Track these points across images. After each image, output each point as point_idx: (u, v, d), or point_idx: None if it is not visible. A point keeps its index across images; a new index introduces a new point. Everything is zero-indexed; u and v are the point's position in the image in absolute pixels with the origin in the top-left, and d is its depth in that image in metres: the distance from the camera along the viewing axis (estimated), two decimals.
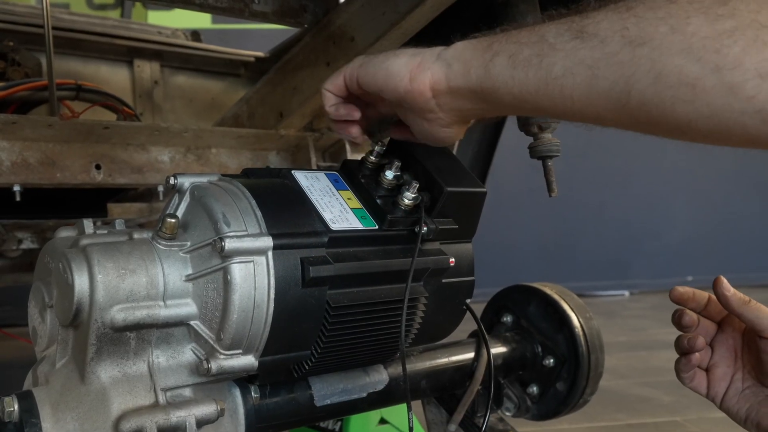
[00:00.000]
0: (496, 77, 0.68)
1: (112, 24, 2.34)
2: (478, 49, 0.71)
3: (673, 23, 0.54)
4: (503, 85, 0.67)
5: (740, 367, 0.94)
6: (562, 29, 0.63)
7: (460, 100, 0.74)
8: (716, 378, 0.95)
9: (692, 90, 0.53)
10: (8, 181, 1.26)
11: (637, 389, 2.74)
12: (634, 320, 4.24)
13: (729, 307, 0.90)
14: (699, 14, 0.53)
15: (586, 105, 0.61)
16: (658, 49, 0.55)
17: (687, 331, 0.95)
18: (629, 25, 0.57)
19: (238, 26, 4.44)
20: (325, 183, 0.90)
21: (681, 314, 0.95)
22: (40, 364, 0.80)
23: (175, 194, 0.83)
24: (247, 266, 0.74)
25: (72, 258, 0.72)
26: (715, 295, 0.92)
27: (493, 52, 0.68)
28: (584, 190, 5.03)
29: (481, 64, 0.69)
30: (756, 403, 0.91)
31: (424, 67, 0.74)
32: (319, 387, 0.94)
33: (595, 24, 0.60)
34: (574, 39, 0.61)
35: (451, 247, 0.95)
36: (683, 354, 0.95)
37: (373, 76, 0.79)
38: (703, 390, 0.96)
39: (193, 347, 0.79)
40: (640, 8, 0.58)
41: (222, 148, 1.55)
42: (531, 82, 0.65)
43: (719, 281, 0.91)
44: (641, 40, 0.56)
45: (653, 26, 0.55)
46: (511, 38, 0.67)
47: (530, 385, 1.28)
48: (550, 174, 1.08)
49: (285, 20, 1.53)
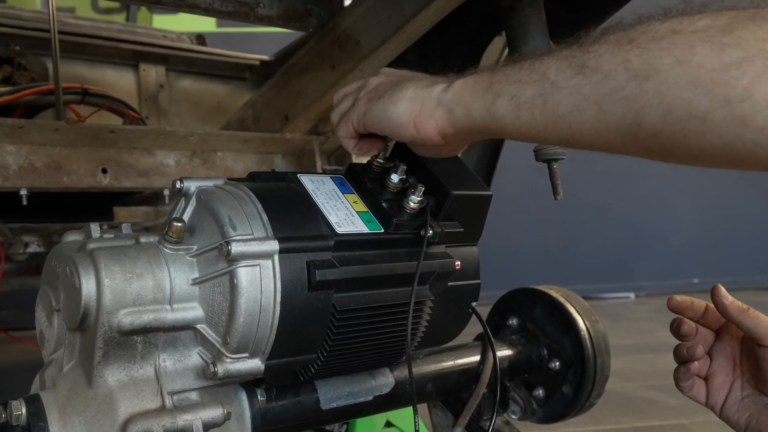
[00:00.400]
0: (502, 119, 0.67)
1: (118, 28, 2.34)
2: (477, 91, 0.70)
3: (678, 54, 0.53)
4: (510, 126, 0.67)
5: (739, 375, 0.94)
6: (562, 65, 0.61)
7: (467, 135, 0.75)
8: (715, 387, 0.94)
9: (702, 123, 0.52)
10: (15, 185, 1.27)
11: (643, 392, 2.73)
12: (640, 323, 4.23)
13: (727, 316, 0.90)
14: (704, 44, 0.52)
15: (596, 139, 0.61)
16: (665, 82, 0.53)
17: (685, 340, 0.95)
18: (632, 57, 0.56)
19: (242, 30, 4.45)
20: (330, 186, 0.90)
21: (679, 323, 0.95)
22: (48, 368, 0.81)
23: (181, 198, 0.83)
24: (253, 270, 0.75)
25: (79, 262, 0.72)
26: (714, 303, 0.91)
27: (494, 94, 0.67)
28: (588, 193, 5.02)
29: (484, 107, 0.68)
30: (756, 412, 0.91)
31: (426, 114, 0.74)
32: (325, 390, 0.94)
33: (596, 58, 0.59)
34: (577, 75, 0.60)
35: (457, 251, 0.95)
36: (682, 363, 0.94)
37: (378, 125, 0.79)
38: (703, 399, 0.95)
39: (199, 351, 0.79)
40: (642, 39, 0.56)
41: (228, 152, 1.56)
42: (538, 121, 0.64)
43: (717, 289, 0.90)
44: (647, 74, 0.55)
45: (657, 57, 0.54)
46: (510, 78, 0.66)
47: (536, 388, 1.28)
48: (556, 177, 1.08)
49: (290, 24, 1.53)
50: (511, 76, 0.66)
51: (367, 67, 1.44)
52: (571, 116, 0.61)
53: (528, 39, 1.13)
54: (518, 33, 1.15)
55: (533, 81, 0.64)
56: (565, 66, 0.61)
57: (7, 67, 1.69)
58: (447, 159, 0.96)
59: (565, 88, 0.61)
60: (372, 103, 0.79)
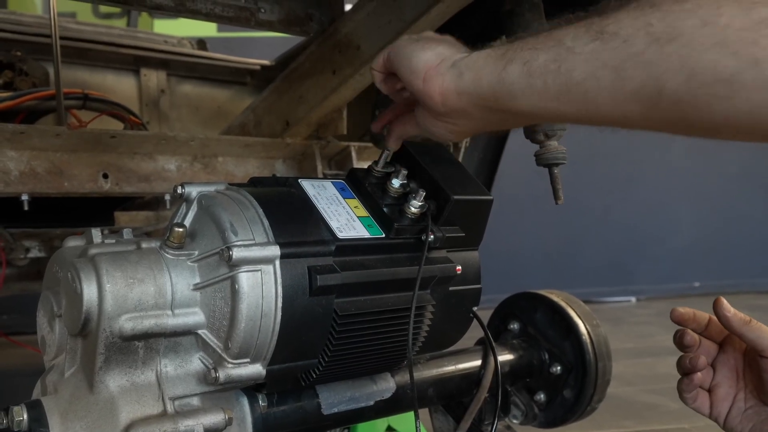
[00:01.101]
0: (512, 86, 0.65)
1: (119, 33, 2.35)
2: (491, 57, 0.68)
3: (703, 15, 0.50)
4: (520, 94, 0.64)
5: (742, 387, 0.94)
6: (580, 32, 0.59)
7: (469, 108, 0.72)
8: (719, 398, 0.94)
9: (729, 86, 0.49)
10: (16, 191, 1.27)
11: (644, 396, 2.73)
12: (641, 327, 4.22)
13: (730, 328, 0.90)
14: (731, 3, 0.49)
15: (613, 109, 0.58)
16: (689, 44, 0.51)
17: (688, 351, 0.95)
18: (654, 21, 0.53)
19: (243, 35, 4.46)
20: (331, 191, 0.90)
21: (682, 334, 0.95)
22: (49, 373, 0.81)
23: (182, 203, 0.83)
24: (254, 275, 0.75)
25: (81, 267, 0.72)
26: (716, 315, 0.91)
27: (507, 59, 0.65)
28: (589, 196, 5.02)
29: (494, 72, 0.67)
30: (759, 423, 0.91)
31: (439, 71, 0.73)
32: (327, 395, 0.94)
33: (615, 23, 0.56)
34: (594, 41, 0.57)
35: (458, 255, 0.95)
36: (685, 374, 0.95)
37: (399, 64, 0.79)
38: (706, 410, 0.95)
39: (201, 356, 0.79)
40: (665, 2, 0.53)
41: (229, 157, 1.56)
42: (550, 89, 0.61)
43: (719, 302, 0.90)
44: (669, 36, 0.52)
45: (681, 20, 0.51)
46: (526, 45, 0.64)
47: (537, 393, 1.28)
48: (557, 181, 1.08)
49: (291, 29, 1.53)
50: (526, 42, 0.64)
51: (367, 72, 1.44)
52: (587, 83, 0.58)
53: None
54: None
55: (548, 47, 0.61)
56: (583, 32, 0.58)
57: (8, 73, 1.69)
58: (448, 163, 0.96)
59: (581, 54, 0.58)
60: (409, 41, 0.80)
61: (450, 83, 0.72)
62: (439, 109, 0.74)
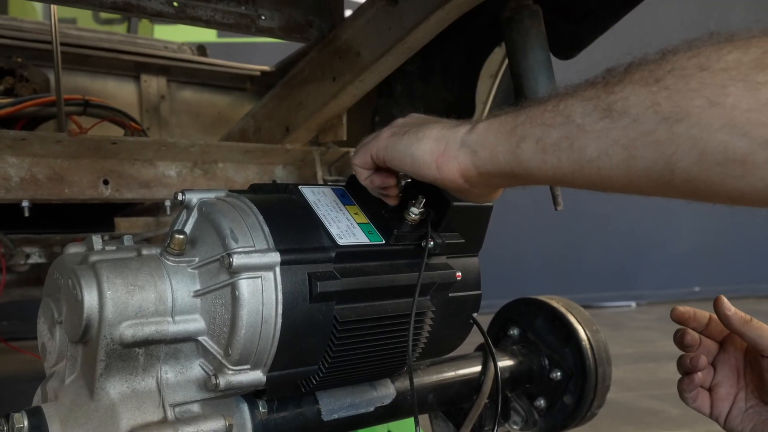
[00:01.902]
0: (527, 163, 0.65)
1: (119, 39, 2.36)
2: (502, 133, 0.67)
3: (710, 95, 0.50)
4: (536, 170, 0.65)
5: (743, 386, 0.94)
6: (588, 108, 0.59)
7: (491, 180, 0.72)
8: (719, 397, 0.94)
9: (742, 166, 0.49)
10: (17, 197, 1.27)
11: (644, 402, 2.73)
12: (641, 332, 4.22)
13: (730, 327, 0.90)
14: (737, 83, 0.49)
15: (627, 184, 0.58)
16: (698, 125, 0.50)
17: (689, 351, 0.95)
18: (660, 99, 0.53)
19: (243, 40, 4.47)
20: (331, 198, 0.91)
21: (682, 334, 0.95)
22: (50, 380, 0.81)
23: (182, 210, 0.84)
24: (255, 282, 0.75)
25: (81, 274, 0.73)
26: (716, 314, 0.91)
27: (519, 136, 0.65)
28: (589, 202, 5.02)
29: (508, 150, 0.66)
30: (760, 423, 0.91)
31: (450, 156, 0.72)
32: (327, 402, 0.94)
33: (623, 101, 0.56)
34: (603, 119, 0.57)
35: (458, 262, 0.95)
36: (686, 374, 0.95)
37: (400, 162, 0.77)
38: (707, 410, 0.95)
39: (201, 363, 0.80)
40: (670, 79, 0.53)
41: (229, 163, 1.56)
42: (564, 165, 0.62)
43: (720, 301, 0.90)
44: (677, 116, 0.52)
45: (687, 100, 0.51)
46: (535, 120, 0.64)
47: (537, 399, 1.28)
48: (556, 188, 1.08)
49: (291, 36, 1.54)
50: (535, 118, 0.64)
51: (367, 79, 1.45)
52: (600, 161, 0.58)
53: (527, 51, 1.14)
54: (518, 45, 1.16)
55: (558, 124, 0.61)
56: (591, 109, 0.58)
57: (9, 79, 1.70)
58: None
59: (591, 132, 0.58)
60: (395, 137, 0.78)
61: (468, 163, 0.71)
62: (463, 186, 0.74)
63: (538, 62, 1.14)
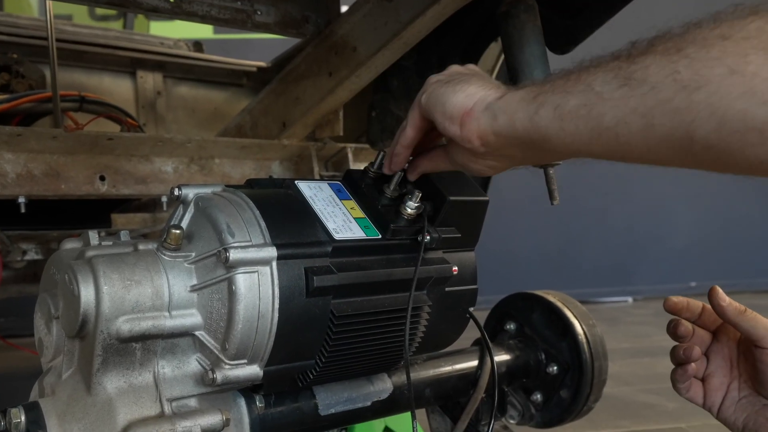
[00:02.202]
0: (545, 130, 0.65)
1: (115, 35, 2.35)
2: (524, 100, 0.68)
3: (731, 63, 0.50)
4: (554, 137, 0.65)
5: (736, 376, 0.94)
6: (608, 77, 0.59)
7: (508, 148, 0.73)
8: (712, 388, 0.95)
9: (761, 134, 0.49)
10: (13, 193, 1.27)
11: (641, 396, 2.74)
12: (638, 327, 4.23)
13: (725, 317, 0.90)
14: (758, 51, 0.49)
15: (646, 152, 0.59)
16: (717, 93, 0.51)
17: (682, 341, 0.95)
18: (681, 68, 0.53)
19: (239, 36, 4.46)
20: (328, 193, 0.91)
21: (676, 324, 0.95)
22: (47, 375, 0.81)
23: (179, 205, 0.84)
24: (251, 276, 0.75)
25: (78, 269, 0.73)
26: (711, 304, 0.91)
27: (538, 103, 0.66)
28: (587, 197, 5.03)
29: (527, 117, 0.67)
30: (753, 413, 0.91)
31: (474, 115, 0.73)
32: (324, 396, 0.95)
33: (643, 69, 0.56)
34: (622, 87, 0.57)
35: (454, 256, 0.95)
36: (679, 364, 0.95)
37: (434, 108, 0.78)
38: (700, 400, 0.95)
39: (198, 357, 0.80)
40: (691, 48, 0.53)
41: (225, 158, 1.56)
42: (582, 132, 0.62)
43: (715, 291, 0.90)
44: (696, 84, 0.52)
45: (708, 68, 0.51)
46: (556, 87, 0.65)
47: (534, 393, 1.28)
48: (552, 182, 1.08)
49: (287, 31, 1.54)
50: (558, 86, 0.65)
51: (363, 74, 1.45)
52: (618, 129, 0.58)
53: (524, 45, 1.14)
54: (514, 39, 1.16)
55: (578, 91, 0.62)
56: (611, 77, 0.59)
57: (4, 75, 1.69)
58: None
59: (609, 99, 0.59)
60: (439, 84, 0.79)
61: (486, 126, 0.72)
62: (480, 150, 0.75)
63: (534, 57, 1.14)
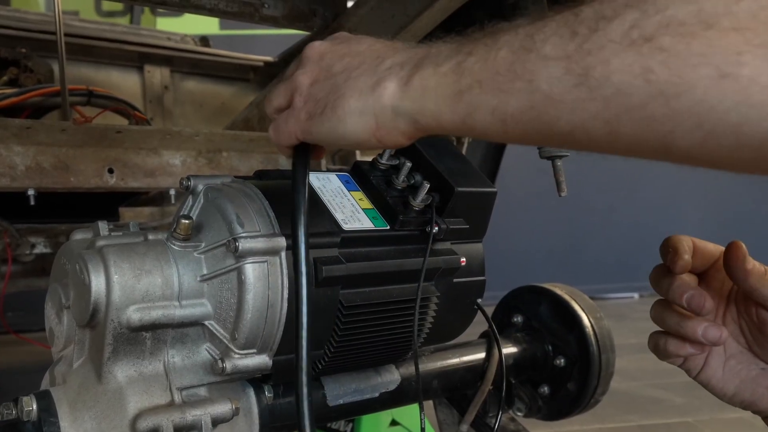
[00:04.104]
0: (484, 131, 0.54)
1: (122, 30, 2.36)
2: (444, 98, 0.55)
3: (720, 63, 0.40)
4: (497, 137, 0.54)
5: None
6: (556, 71, 0.47)
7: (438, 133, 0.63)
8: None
9: (757, 152, 0.41)
10: (23, 185, 1.28)
11: (648, 391, 2.73)
12: (644, 323, 4.19)
13: (744, 283, 0.73)
14: (754, 49, 0.39)
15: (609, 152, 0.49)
16: (704, 102, 0.41)
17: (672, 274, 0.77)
18: (654, 65, 0.42)
19: (245, 32, 4.47)
20: (336, 184, 0.91)
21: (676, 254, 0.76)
22: (57, 365, 0.81)
23: (188, 196, 0.84)
24: (261, 266, 0.75)
25: (88, 259, 0.73)
26: (727, 263, 0.75)
27: (468, 105, 0.53)
28: (593, 193, 5.02)
29: (457, 119, 0.55)
30: (749, 380, 0.76)
31: (387, 127, 0.60)
32: (332, 387, 0.95)
33: (602, 65, 0.44)
34: (578, 86, 0.46)
35: (462, 247, 0.95)
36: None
37: (333, 144, 0.67)
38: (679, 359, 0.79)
39: (207, 347, 0.80)
40: (665, 38, 0.42)
41: (233, 152, 1.57)
42: (531, 135, 0.51)
43: (737, 248, 0.74)
44: (677, 89, 0.41)
45: (691, 67, 0.41)
46: (485, 85, 0.52)
47: (541, 386, 1.28)
48: (560, 174, 1.08)
49: (295, 24, 1.54)
50: (485, 82, 0.51)
51: None
52: (575, 134, 0.48)
53: None
54: None
55: (518, 90, 0.49)
56: (561, 72, 0.46)
57: (13, 69, 1.70)
58: (452, 157, 0.97)
59: (563, 102, 0.47)
60: (315, 120, 0.65)
61: (411, 129, 0.60)
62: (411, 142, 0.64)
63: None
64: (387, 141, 0.62)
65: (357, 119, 0.61)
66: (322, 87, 0.66)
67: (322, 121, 0.64)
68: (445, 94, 0.55)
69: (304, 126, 0.67)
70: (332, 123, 0.63)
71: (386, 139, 0.62)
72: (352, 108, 0.61)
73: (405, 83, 0.58)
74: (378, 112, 0.60)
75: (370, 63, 0.63)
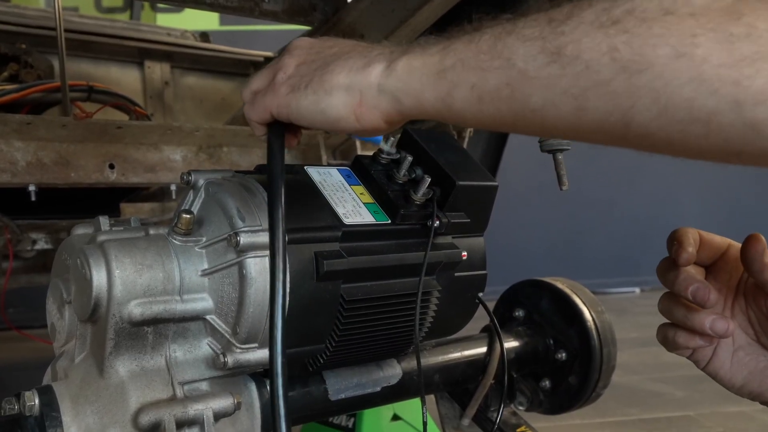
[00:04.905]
0: (461, 111, 0.58)
1: (122, 26, 2.35)
2: (427, 76, 0.59)
3: (677, 44, 0.44)
4: (471, 117, 0.58)
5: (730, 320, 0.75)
6: (532, 50, 0.51)
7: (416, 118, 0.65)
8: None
9: (706, 126, 0.45)
10: (23, 181, 1.28)
11: (649, 384, 2.74)
12: (645, 317, 4.22)
13: (762, 275, 0.73)
14: (707, 32, 0.44)
15: (573, 134, 0.53)
16: (661, 77, 0.45)
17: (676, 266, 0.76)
18: (619, 44, 0.46)
19: (245, 28, 4.46)
20: (337, 178, 0.91)
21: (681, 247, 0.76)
22: (59, 360, 0.81)
23: (189, 190, 0.84)
24: (262, 261, 0.75)
25: (90, 254, 0.73)
26: (745, 254, 0.75)
27: (449, 82, 0.57)
28: (594, 188, 5.02)
29: (437, 98, 0.58)
30: (758, 372, 0.76)
31: (369, 105, 0.63)
32: (334, 381, 0.95)
33: (574, 44, 0.49)
34: (551, 64, 0.50)
35: (463, 241, 0.95)
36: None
37: (311, 119, 0.68)
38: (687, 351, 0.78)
39: (209, 341, 0.80)
40: (629, 21, 0.47)
41: (233, 147, 1.57)
42: (505, 115, 0.55)
43: (757, 241, 0.74)
44: (638, 66, 0.46)
45: (651, 47, 0.45)
46: (467, 64, 0.56)
47: (543, 379, 1.28)
48: (561, 167, 1.08)
49: (295, 19, 1.54)
50: (467, 61, 0.56)
51: None
52: (545, 111, 0.52)
53: None
54: None
55: (496, 68, 0.53)
56: (536, 50, 0.51)
57: (13, 65, 1.70)
58: (453, 150, 0.96)
59: (536, 78, 0.51)
60: (297, 93, 0.67)
61: (391, 110, 0.63)
62: (387, 130, 0.67)
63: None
64: (365, 120, 0.64)
65: (342, 94, 0.64)
66: (310, 66, 0.68)
67: (306, 94, 0.66)
68: (430, 72, 0.58)
69: (282, 100, 0.68)
70: (317, 96, 0.65)
71: (365, 117, 0.64)
72: (341, 82, 0.64)
73: (393, 63, 0.62)
74: (364, 89, 0.63)
75: (361, 50, 0.67)
